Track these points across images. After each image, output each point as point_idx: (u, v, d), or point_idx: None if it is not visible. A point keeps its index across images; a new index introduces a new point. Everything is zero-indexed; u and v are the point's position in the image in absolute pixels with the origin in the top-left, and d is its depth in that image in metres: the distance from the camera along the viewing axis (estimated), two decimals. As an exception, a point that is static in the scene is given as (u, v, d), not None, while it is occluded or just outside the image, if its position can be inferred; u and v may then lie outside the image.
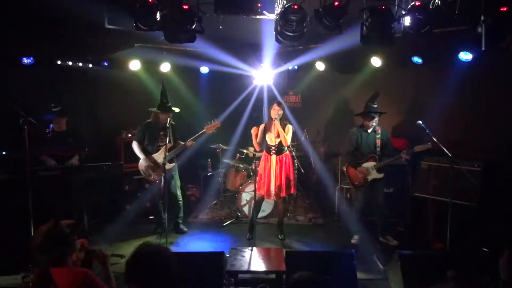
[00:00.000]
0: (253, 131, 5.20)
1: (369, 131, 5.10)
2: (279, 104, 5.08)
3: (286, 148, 5.22)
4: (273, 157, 5.15)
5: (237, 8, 3.92)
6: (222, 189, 6.79)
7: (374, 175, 5.04)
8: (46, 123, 5.40)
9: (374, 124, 5.06)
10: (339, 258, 3.73)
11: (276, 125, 5.03)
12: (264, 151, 5.29)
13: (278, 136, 5.10)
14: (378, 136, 5.08)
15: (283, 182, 5.13)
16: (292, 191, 5.38)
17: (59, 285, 2.23)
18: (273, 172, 5.12)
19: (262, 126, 5.22)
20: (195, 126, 5.63)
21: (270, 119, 5.11)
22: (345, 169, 5.38)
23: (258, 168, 5.35)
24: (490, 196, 4.90)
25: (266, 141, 5.19)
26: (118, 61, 6.41)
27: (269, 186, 5.14)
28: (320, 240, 5.39)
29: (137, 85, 6.79)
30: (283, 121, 5.10)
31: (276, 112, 5.02)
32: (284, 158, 5.19)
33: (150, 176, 5.30)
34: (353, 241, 5.24)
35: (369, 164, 5.06)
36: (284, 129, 5.07)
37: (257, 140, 5.15)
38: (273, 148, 5.15)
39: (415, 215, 5.61)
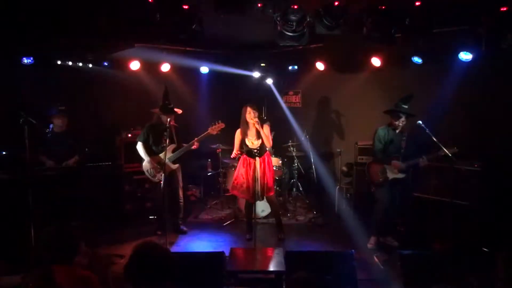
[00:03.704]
0: (236, 155, 5.10)
1: (397, 131, 4.98)
2: (252, 106, 4.92)
3: (266, 148, 5.12)
4: (257, 159, 5.02)
5: (237, 8, 3.93)
6: (222, 189, 6.79)
7: (395, 174, 4.97)
8: (47, 121, 5.40)
9: (401, 124, 4.91)
10: (339, 258, 3.72)
11: (257, 127, 4.87)
12: (244, 155, 5.15)
13: (258, 138, 4.99)
14: (404, 138, 4.98)
15: (268, 181, 5.05)
16: (272, 190, 5.20)
17: (60, 285, 2.23)
18: (257, 174, 4.97)
19: (238, 132, 5.09)
20: (195, 126, 5.63)
21: (246, 123, 4.96)
22: (366, 166, 5.24)
23: (235, 173, 5.22)
24: (490, 196, 4.90)
25: (246, 145, 5.07)
26: (118, 61, 6.41)
27: (252, 188, 4.97)
28: (320, 240, 5.38)
29: (137, 85, 6.79)
30: (259, 121, 4.90)
31: (252, 115, 4.87)
32: (265, 157, 5.11)
33: (155, 177, 5.29)
34: (369, 245, 5.08)
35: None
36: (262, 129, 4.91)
37: (236, 148, 5.10)
38: (256, 151, 5.04)
39: (415, 215, 5.60)
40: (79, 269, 2.39)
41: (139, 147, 5.30)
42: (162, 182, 4.86)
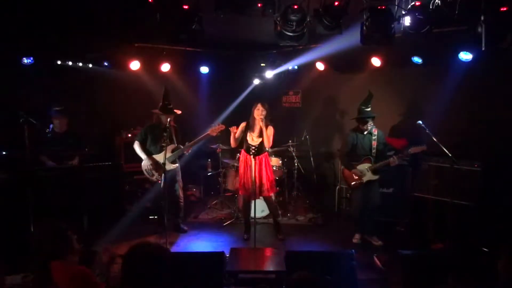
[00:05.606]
0: (232, 128, 5.10)
1: (365, 133, 5.11)
2: (263, 105, 5.02)
3: (265, 149, 5.17)
4: (252, 157, 5.05)
5: (237, 8, 3.93)
6: (222, 189, 6.79)
7: (369, 176, 5.04)
8: (47, 121, 5.40)
9: (369, 127, 5.05)
10: (339, 258, 3.72)
11: (261, 125, 4.96)
12: (243, 151, 5.24)
13: (260, 136, 5.05)
14: (375, 137, 5.07)
15: (265, 181, 5.09)
16: (275, 190, 5.33)
17: (57, 281, 2.25)
18: (253, 172, 5.00)
19: (243, 124, 5.16)
20: (195, 126, 5.63)
21: (253, 118, 5.05)
22: (341, 170, 5.43)
23: (239, 168, 5.30)
24: (490, 196, 4.90)
25: (247, 140, 5.14)
26: (118, 61, 6.41)
27: (249, 186, 5.03)
28: (320, 240, 5.38)
29: (137, 85, 6.79)
30: (266, 121, 5.01)
31: (260, 112, 4.97)
32: (263, 158, 5.15)
33: (153, 176, 5.30)
34: (354, 240, 5.27)
35: (364, 166, 5.06)
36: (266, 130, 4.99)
37: (236, 136, 5.09)
38: (253, 148, 5.09)
39: (415, 215, 5.60)
40: (75, 265, 2.42)
41: (136, 146, 5.33)
42: (160, 182, 4.88)
